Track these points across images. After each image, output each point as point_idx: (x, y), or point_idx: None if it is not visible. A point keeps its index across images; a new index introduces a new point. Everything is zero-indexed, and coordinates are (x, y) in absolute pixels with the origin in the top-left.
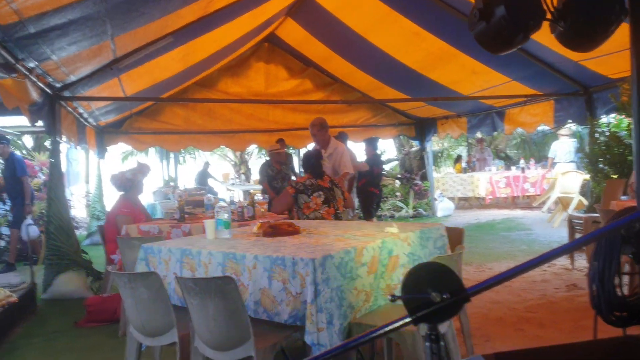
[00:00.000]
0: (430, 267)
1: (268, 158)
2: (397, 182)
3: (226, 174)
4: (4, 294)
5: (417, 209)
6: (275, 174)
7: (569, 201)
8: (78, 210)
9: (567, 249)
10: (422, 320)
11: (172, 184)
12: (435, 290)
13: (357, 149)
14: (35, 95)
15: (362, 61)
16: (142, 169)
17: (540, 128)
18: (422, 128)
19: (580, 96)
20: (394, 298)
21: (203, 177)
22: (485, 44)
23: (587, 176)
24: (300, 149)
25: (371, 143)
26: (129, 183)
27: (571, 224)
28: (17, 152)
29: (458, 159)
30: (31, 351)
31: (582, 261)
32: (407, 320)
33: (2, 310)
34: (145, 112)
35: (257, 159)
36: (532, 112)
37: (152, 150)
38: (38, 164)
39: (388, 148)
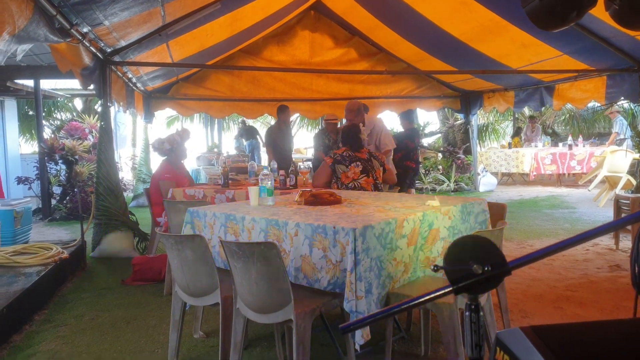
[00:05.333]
0: (473, 240)
1: (323, 127)
2: (440, 155)
3: None
4: (56, 251)
5: (459, 183)
6: (332, 143)
7: (616, 180)
8: (125, 173)
9: (612, 227)
10: (463, 290)
11: (215, 150)
12: (477, 262)
13: (393, 120)
14: (87, 59)
15: (409, 31)
16: (181, 136)
17: (590, 104)
18: (468, 101)
19: (635, 72)
20: (436, 268)
21: (250, 132)
22: (538, 20)
23: (637, 155)
24: (344, 119)
25: (407, 116)
26: (168, 151)
27: (617, 204)
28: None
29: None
30: (81, 305)
31: (627, 242)
32: (449, 289)
33: (54, 266)
34: (191, 78)
35: (299, 128)
36: (582, 87)
37: (196, 116)
38: (87, 126)
39: (432, 120)
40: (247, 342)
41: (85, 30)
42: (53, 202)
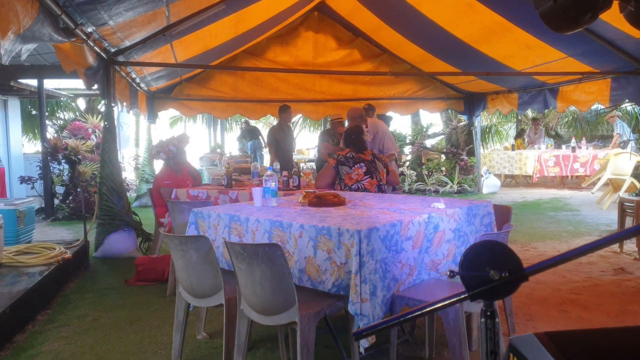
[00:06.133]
0: (489, 245)
1: (328, 127)
2: (443, 157)
3: None
4: (59, 251)
5: (462, 184)
6: (336, 144)
7: (620, 183)
8: (128, 173)
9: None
10: (479, 296)
11: (218, 150)
12: (494, 268)
13: (395, 122)
14: (91, 59)
15: (412, 32)
16: (177, 145)
17: (594, 107)
18: (471, 102)
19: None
20: (453, 274)
21: (252, 133)
22: (552, 22)
23: None
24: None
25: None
26: (165, 159)
27: (622, 207)
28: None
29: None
30: (84, 306)
31: (631, 245)
32: (464, 295)
33: (57, 266)
34: (195, 78)
35: (301, 129)
36: (587, 90)
37: (199, 116)
38: (90, 126)
39: (435, 122)
40: (250, 343)
41: (89, 30)
42: (56, 201)
